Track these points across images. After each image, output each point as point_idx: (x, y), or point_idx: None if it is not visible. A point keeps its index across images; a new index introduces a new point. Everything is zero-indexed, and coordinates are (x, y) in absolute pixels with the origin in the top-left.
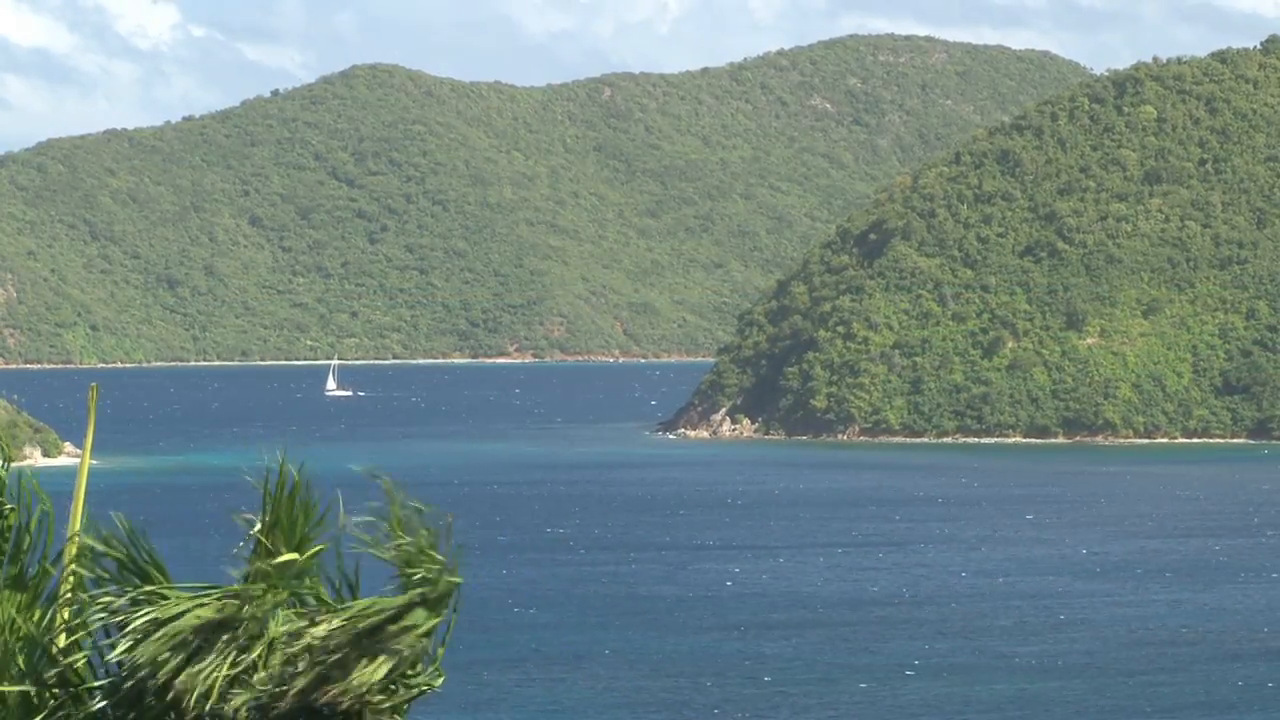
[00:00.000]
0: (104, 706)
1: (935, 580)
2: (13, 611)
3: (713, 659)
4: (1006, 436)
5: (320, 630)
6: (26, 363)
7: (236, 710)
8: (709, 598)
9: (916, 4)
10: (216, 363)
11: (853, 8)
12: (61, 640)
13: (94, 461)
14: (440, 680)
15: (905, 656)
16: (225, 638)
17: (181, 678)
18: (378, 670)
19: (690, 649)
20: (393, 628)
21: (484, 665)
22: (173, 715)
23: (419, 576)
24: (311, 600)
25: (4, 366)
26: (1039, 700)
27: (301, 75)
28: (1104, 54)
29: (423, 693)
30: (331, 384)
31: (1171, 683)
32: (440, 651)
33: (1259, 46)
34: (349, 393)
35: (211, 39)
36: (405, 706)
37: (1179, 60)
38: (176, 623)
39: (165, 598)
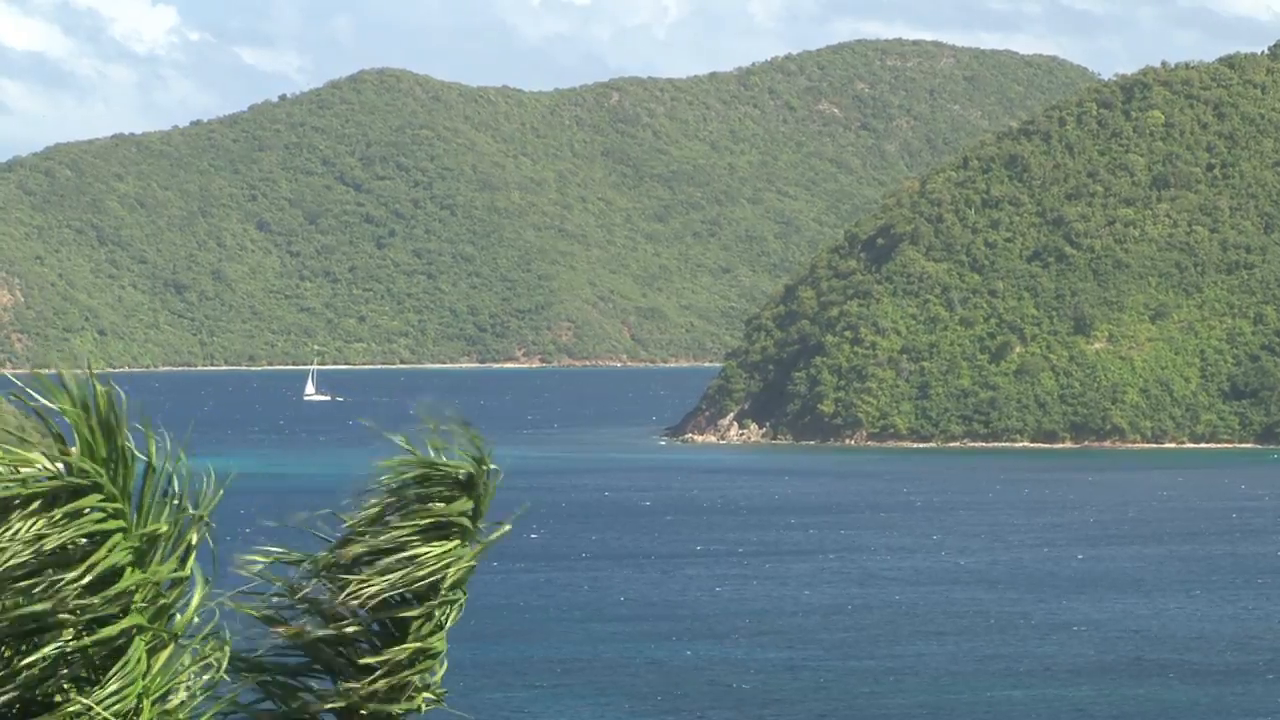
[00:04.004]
0: None
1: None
2: None
3: (706, 665)
4: (1014, 441)
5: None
6: (34, 367)
7: None
8: (702, 604)
9: (911, 9)
10: (224, 368)
11: (845, 11)
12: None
13: None
14: (441, 697)
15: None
16: None
17: None
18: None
19: (683, 656)
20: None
21: (476, 670)
22: None
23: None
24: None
25: (11, 371)
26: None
27: (299, 79)
28: (1101, 58)
29: (425, 700)
30: (310, 388)
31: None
32: (441, 670)
33: (1267, 51)
34: (327, 397)
35: (208, 43)
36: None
37: (1186, 65)
38: None
39: None
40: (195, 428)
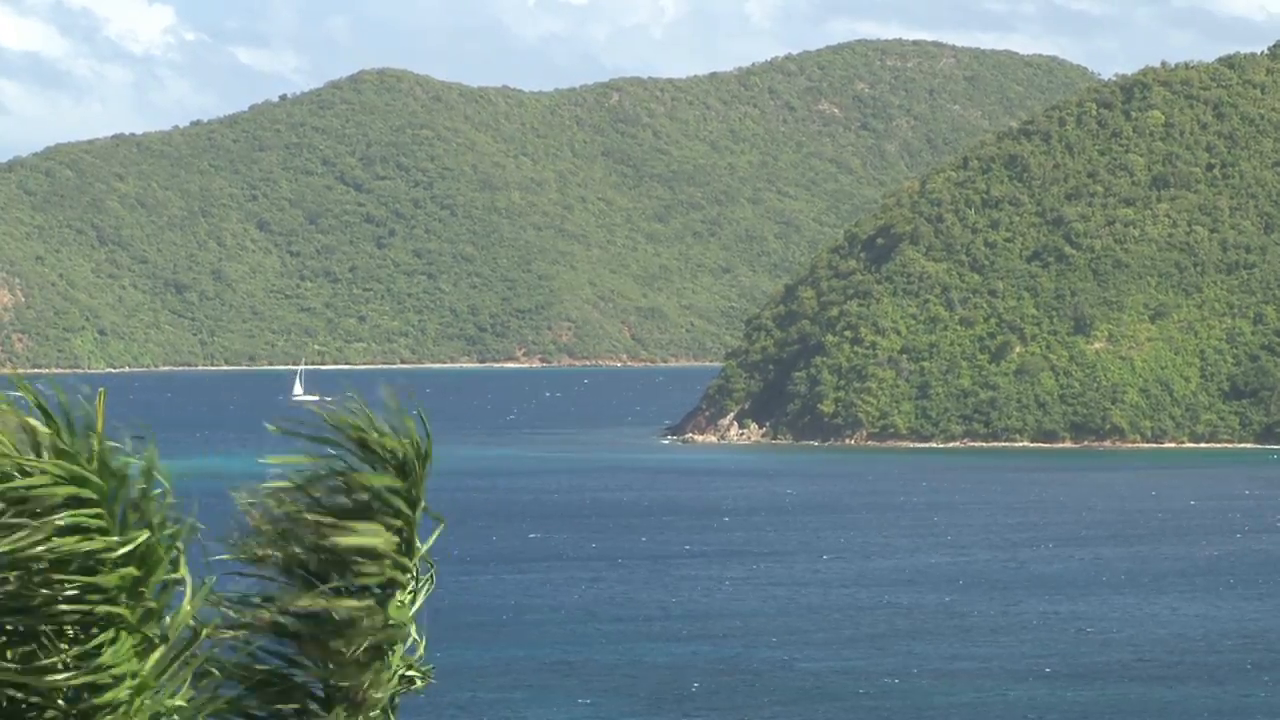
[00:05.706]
0: None
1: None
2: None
3: (703, 665)
4: (1014, 441)
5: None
6: (34, 367)
7: None
8: (699, 604)
9: (907, 9)
10: (224, 368)
11: (840, 11)
12: None
13: None
14: (427, 680)
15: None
16: None
17: None
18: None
19: (680, 656)
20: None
21: (474, 671)
22: None
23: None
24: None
25: (12, 371)
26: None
27: (295, 80)
28: (1097, 58)
29: (411, 681)
30: (298, 389)
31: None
32: (422, 646)
33: (1266, 51)
34: (315, 398)
35: (204, 43)
36: (394, 699)
37: (1186, 65)
38: None
39: None
40: (198, 432)
